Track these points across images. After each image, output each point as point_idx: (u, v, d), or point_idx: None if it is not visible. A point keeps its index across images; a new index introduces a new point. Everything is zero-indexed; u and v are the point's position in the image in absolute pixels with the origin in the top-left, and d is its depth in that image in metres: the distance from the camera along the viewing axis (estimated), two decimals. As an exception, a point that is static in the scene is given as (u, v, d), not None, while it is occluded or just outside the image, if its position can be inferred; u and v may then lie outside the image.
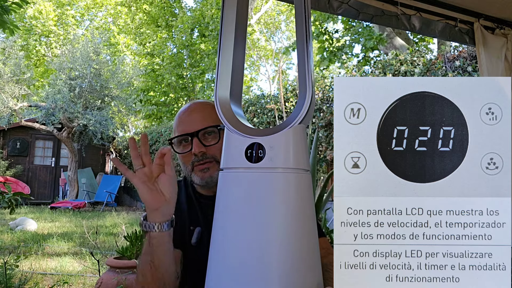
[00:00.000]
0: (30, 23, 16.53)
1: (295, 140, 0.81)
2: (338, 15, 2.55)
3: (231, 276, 0.79)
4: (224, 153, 0.87)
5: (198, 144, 1.16)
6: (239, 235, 0.79)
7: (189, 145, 1.19)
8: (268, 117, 7.34)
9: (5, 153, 12.77)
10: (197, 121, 1.19)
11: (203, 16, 15.40)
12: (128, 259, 2.59)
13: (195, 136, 1.17)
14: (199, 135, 1.17)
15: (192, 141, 1.17)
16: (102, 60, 12.55)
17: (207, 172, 1.17)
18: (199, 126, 1.18)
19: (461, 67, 4.26)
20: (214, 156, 1.17)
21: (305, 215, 0.81)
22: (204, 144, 1.17)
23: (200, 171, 1.17)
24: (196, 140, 1.16)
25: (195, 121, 1.19)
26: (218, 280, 0.81)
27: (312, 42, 0.86)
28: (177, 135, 1.21)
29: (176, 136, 1.21)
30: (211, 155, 1.17)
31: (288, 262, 0.77)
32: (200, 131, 1.17)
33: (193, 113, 1.23)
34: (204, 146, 1.17)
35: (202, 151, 1.17)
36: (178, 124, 1.22)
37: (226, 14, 0.93)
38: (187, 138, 1.20)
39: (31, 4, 15.42)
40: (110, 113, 12.59)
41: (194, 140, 1.17)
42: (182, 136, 1.20)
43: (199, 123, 1.18)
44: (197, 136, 1.17)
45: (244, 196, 0.80)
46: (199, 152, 1.16)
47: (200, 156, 1.17)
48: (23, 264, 3.75)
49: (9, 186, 2.40)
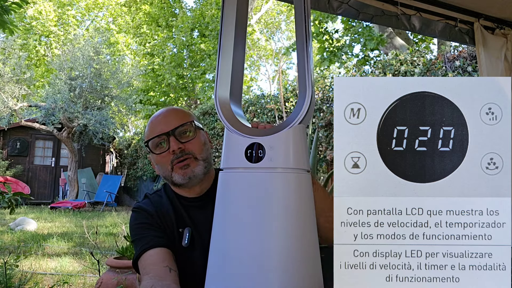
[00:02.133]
0: (30, 23, 16.52)
1: (295, 140, 0.81)
2: (338, 15, 2.55)
3: (231, 276, 0.79)
4: (224, 153, 0.87)
5: (176, 141, 1.17)
6: (239, 234, 0.79)
7: (166, 145, 1.19)
8: (268, 117, 7.34)
9: (5, 153, 12.76)
10: (172, 121, 1.20)
11: (203, 16, 15.39)
12: (128, 259, 2.59)
13: (172, 135, 1.17)
14: (176, 133, 1.18)
15: (169, 140, 1.17)
16: (103, 60, 12.55)
17: (188, 168, 1.17)
18: (175, 124, 1.19)
19: (461, 67, 4.26)
20: (192, 152, 1.18)
21: (305, 215, 0.81)
22: (180, 141, 1.17)
23: (181, 168, 1.17)
24: (173, 138, 1.17)
25: (169, 121, 1.20)
26: (218, 280, 0.81)
27: (312, 42, 0.85)
28: (154, 136, 1.20)
29: (152, 137, 1.21)
30: (189, 151, 1.18)
31: (288, 262, 0.77)
32: (176, 129, 1.18)
33: (167, 116, 1.23)
34: (181, 143, 1.17)
35: (180, 147, 1.17)
36: (152, 127, 1.22)
37: (226, 14, 0.93)
38: (163, 139, 1.19)
39: (31, 4, 15.42)
40: (110, 113, 12.58)
41: (171, 139, 1.17)
42: (159, 137, 1.19)
43: (174, 122, 1.19)
44: (173, 134, 1.17)
45: (244, 196, 0.80)
46: (177, 149, 1.16)
47: (178, 153, 1.17)
48: (23, 264, 3.75)
49: (9, 186, 2.40)
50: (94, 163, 14.13)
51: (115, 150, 15.07)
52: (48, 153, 13.90)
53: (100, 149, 14.29)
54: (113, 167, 15.16)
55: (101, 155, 14.69)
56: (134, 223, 1.23)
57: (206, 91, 14.88)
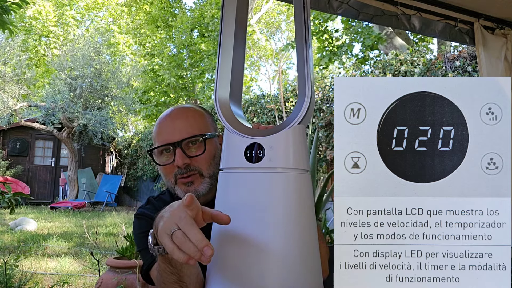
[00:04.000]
0: (30, 23, 16.52)
1: (294, 140, 0.81)
2: (338, 15, 2.55)
3: (230, 276, 0.79)
4: (224, 153, 0.87)
5: (182, 156, 1.05)
6: (239, 235, 0.79)
7: (171, 156, 1.07)
8: (268, 117, 7.34)
9: (5, 153, 12.76)
10: (181, 130, 1.07)
11: (203, 16, 15.40)
12: (128, 259, 2.60)
13: (178, 147, 1.05)
14: (183, 145, 1.06)
15: (175, 152, 1.06)
16: (103, 60, 12.55)
17: (191, 186, 1.07)
18: (183, 135, 1.06)
19: (461, 67, 4.26)
20: (198, 169, 1.07)
21: (305, 215, 0.81)
22: (188, 155, 1.06)
23: (184, 184, 1.07)
24: (180, 151, 1.05)
25: (178, 129, 1.08)
26: (217, 280, 0.81)
27: (312, 42, 0.85)
28: (158, 145, 1.09)
29: (157, 146, 1.10)
30: (195, 167, 1.07)
31: (287, 262, 0.77)
32: (184, 140, 1.06)
33: (176, 121, 1.10)
34: (188, 157, 1.06)
35: (186, 163, 1.06)
36: (159, 133, 1.10)
37: (226, 14, 0.93)
38: (168, 148, 1.08)
39: (30, 5, 15.42)
40: (110, 113, 12.59)
41: (177, 151, 1.05)
42: (163, 146, 1.08)
43: (183, 132, 1.07)
44: (180, 147, 1.05)
45: (243, 196, 0.80)
46: (182, 164, 1.05)
47: (183, 168, 1.06)
48: (23, 264, 3.75)
49: (9, 186, 2.40)
50: (94, 163, 14.14)
51: (115, 150, 15.07)
52: (48, 153, 13.91)
53: (100, 149, 14.30)
54: (113, 167, 15.17)
55: (101, 155, 14.70)
56: (138, 232, 1.15)
57: (206, 91, 14.88)
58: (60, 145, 13.72)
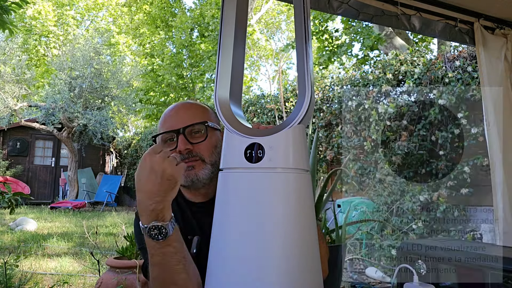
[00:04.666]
0: (30, 23, 16.51)
1: (294, 140, 0.81)
2: (338, 15, 2.55)
3: (230, 276, 0.79)
4: (223, 153, 0.87)
5: (184, 141, 1.09)
6: (239, 235, 0.79)
7: (174, 144, 1.11)
8: (268, 117, 7.33)
9: (5, 153, 12.76)
10: (184, 118, 1.13)
11: (202, 16, 15.40)
12: (128, 259, 2.60)
13: (181, 133, 1.10)
14: (185, 132, 1.10)
15: (178, 139, 1.10)
16: (103, 60, 12.54)
17: (192, 170, 1.10)
18: (186, 122, 1.11)
19: (461, 67, 4.26)
20: (200, 155, 1.11)
21: (305, 215, 0.81)
22: (190, 142, 1.10)
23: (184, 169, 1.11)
24: (182, 137, 1.10)
25: (181, 118, 1.13)
26: (217, 280, 0.81)
27: (312, 42, 0.85)
28: (162, 131, 1.14)
29: (161, 133, 1.14)
30: (197, 153, 1.11)
31: (288, 262, 0.77)
32: (187, 128, 1.11)
33: (180, 111, 1.16)
34: (190, 143, 1.10)
35: (188, 148, 1.10)
36: (164, 122, 1.15)
37: (226, 14, 0.93)
38: (172, 136, 1.12)
39: (30, 4, 15.41)
40: (110, 113, 12.58)
41: (180, 137, 1.10)
42: (167, 134, 1.13)
43: (186, 120, 1.12)
44: (183, 133, 1.10)
45: (243, 196, 0.80)
46: (184, 150, 1.09)
47: (185, 153, 1.10)
48: (23, 264, 3.75)
49: (9, 186, 2.40)
50: (94, 163, 14.13)
51: (115, 150, 15.07)
52: (48, 153, 13.90)
53: (100, 149, 14.29)
54: (113, 167, 15.16)
55: (101, 155, 14.70)
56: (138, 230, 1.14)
57: (206, 91, 14.88)
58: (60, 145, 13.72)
